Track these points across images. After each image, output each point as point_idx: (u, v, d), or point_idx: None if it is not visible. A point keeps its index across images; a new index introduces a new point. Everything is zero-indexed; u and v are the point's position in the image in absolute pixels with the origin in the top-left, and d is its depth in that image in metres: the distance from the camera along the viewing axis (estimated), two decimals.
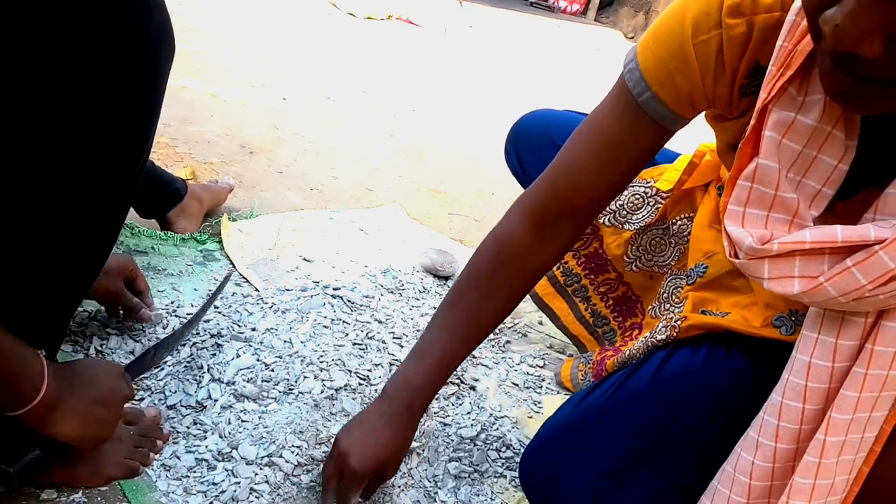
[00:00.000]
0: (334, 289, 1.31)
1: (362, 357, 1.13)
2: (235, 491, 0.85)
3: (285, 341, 1.11)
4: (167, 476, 0.85)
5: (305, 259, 1.41)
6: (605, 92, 0.81)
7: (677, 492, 0.81)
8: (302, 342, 1.12)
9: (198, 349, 1.06)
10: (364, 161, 2.11)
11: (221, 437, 0.92)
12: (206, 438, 0.91)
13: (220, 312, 1.16)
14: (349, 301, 1.28)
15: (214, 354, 1.05)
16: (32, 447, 0.76)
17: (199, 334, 1.09)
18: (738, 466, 0.69)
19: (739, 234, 0.62)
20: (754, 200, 0.62)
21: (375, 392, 1.06)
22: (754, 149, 0.62)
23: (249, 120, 2.17)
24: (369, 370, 1.10)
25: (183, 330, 1.06)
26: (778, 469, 0.66)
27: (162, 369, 1.01)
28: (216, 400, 0.97)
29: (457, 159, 2.37)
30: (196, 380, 1.00)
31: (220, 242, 1.39)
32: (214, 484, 0.85)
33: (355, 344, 1.16)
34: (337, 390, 1.03)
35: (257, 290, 1.26)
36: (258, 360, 1.06)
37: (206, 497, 0.84)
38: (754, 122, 0.62)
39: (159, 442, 0.88)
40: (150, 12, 0.66)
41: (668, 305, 1.06)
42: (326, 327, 1.18)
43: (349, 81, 3.01)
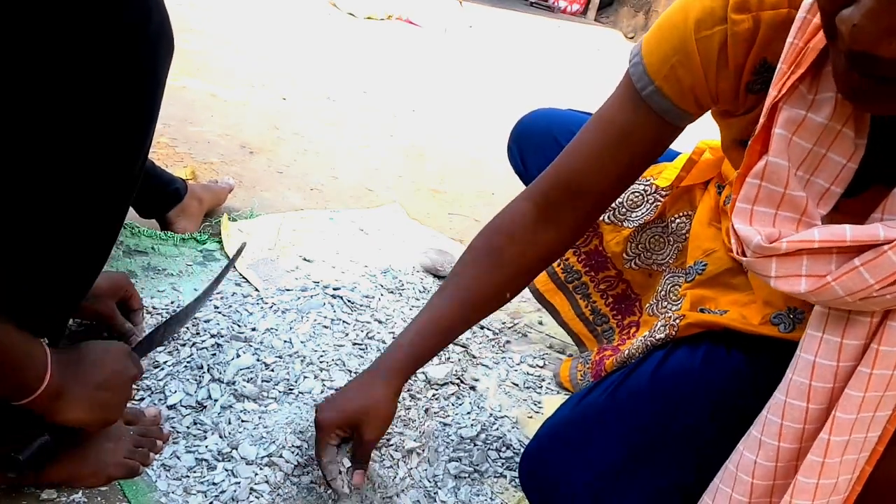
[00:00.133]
0: (334, 289, 1.31)
1: (362, 357, 1.13)
2: (235, 491, 0.84)
3: (285, 341, 1.11)
4: (167, 476, 0.85)
5: (305, 259, 1.41)
6: (606, 92, 0.81)
7: (677, 491, 0.81)
8: (302, 342, 1.12)
9: (198, 349, 1.06)
10: (364, 161, 2.11)
11: (221, 437, 0.91)
12: (206, 438, 0.91)
13: (220, 312, 1.16)
14: (349, 301, 1.28)
15: (214, 354, 1.05)
16: (41, 433, 0.76)
17: (199, 334, 1.09)
18: (741, 465, 0.69)
19: (747, 232, 0.62)
20: (763, 198, 0.62)
21: None
22: (764, 146, 0.62)
23: (249, 120, 2.17)
24: None
25: (194, 304, 1.06)
26: (780, 468, 0.66)
27: (162, 369, 1.01)
28: (216, 400, 0.97)
29: (457, 159, 2.37)
30: (196, 380, 1.00)
31: (220, 242, 1.39)
32: (214, 484, 0.85)
33: (355, 344, 1.16)
34: (337, 390, 1.03)
35: (257, 290, 1.26)
36: (258, 360, 1.06)
37: (206, 497, 0.84)
38: (764, 120, 0.62)
39: (159, 442, 0.88)
40: (150, 12, 0.66)
41: (666, 303, 1.06)
42: (326, 327, 1.18)
43: (349, 81, 3.00)
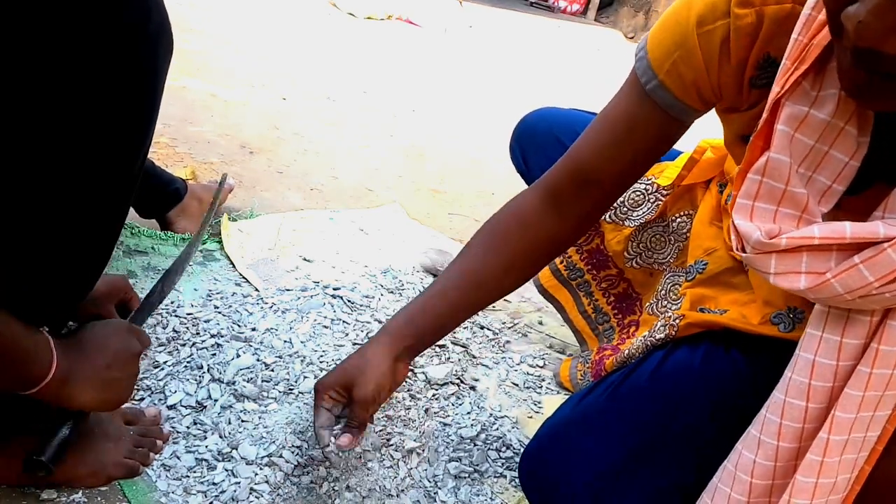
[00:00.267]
0: (334, 289, 1.31)
1: None
2: (235, 491, 0.84)
3: (285, 341, 1.11)
4: (167, 476, 0.85)
5: (305, 259, 1.41)
6: (606, 91, 0.82)
7: (677, 491, 0.81)
8: (302, 342, 1.12)
9: (198, 349, 1.06)
10: (364, 161, 2.11)
11: (221, 437, 0.91)
12: (206, 438, 0.91)
13: (220, 312, 1.16)
14: (349, 301, 1.28)
15: (214, 354, 1.05)
16: (60, 425, 0.76)
17: (199, 334, 1.09)
18: (740, 465, 0.69)
19: (747, 228, 0.62)
20: (764, 194, 0.62)
21: None
22: (766, 142, 0.62)
23: (249, 120, 2.17)
24: None
25: (184, 257, 1.06)
26: (779, 468, 0.66)
27: (162, 369, 1.01)
28: (216, 400, 0.97)
29: (457, 159, 2.37)
30: (196, 380, 1.00)
31: (220, 242, 1.39)
32: (214, 484, 0.85)
33: (355, 344, 1.16)
34: None
35: (257, 290, 1.26)
36: (258, 360, 1.06)
37: (206, 497, 0.84)
38: (766, 116, 0.62)
39: (159, 442, 0.88)
40: (149, 12, 0.66)
41: (666, 302, 1.06)
42: (326, 327, 1.18)
43: (349, 81, 3.01)
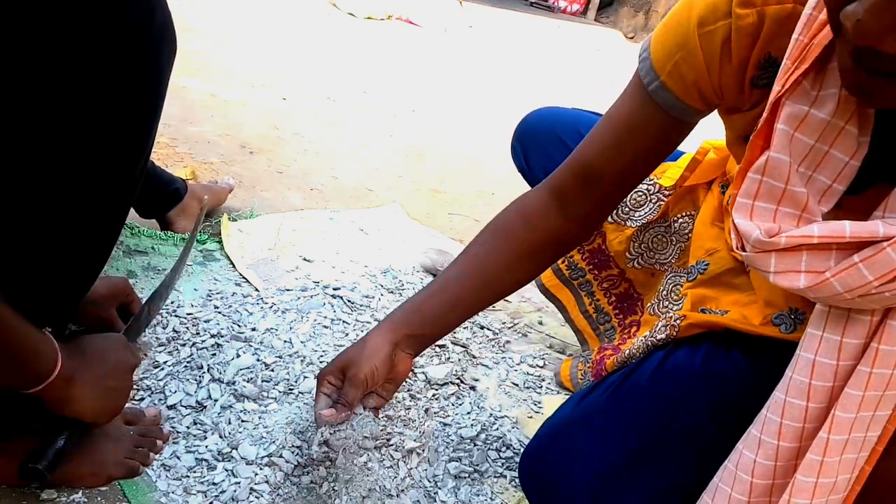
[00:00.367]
0: (334, 289, 1.31)
1: None
2: (235, 491, 0.84)
3: (285, 341, 1.11)
4: (167, 476, 0.85)
5: (305, 259, 1.41)
6: (606, 91, 0.83)
7: (677, 492, 0.81)
8: (302, 342, 1.12)
9: (198, 349, 1.06)
10: (364, 161, 2.11)
11: (221, 437, 0.91)
12: (206, 438, 0.91)
13: (220, 312, 1.16)
14: (349, 301, 1.28)
15: (214, 354, 1.05)
16: (55, 436, 0.76)
17: (199, 334, 1.09)
18: (740, 464, 0.69)
19: (747, 227, 0.62)
20: (764, 193, 0.62)
21: None
22: (766, 142, 0.62)
23: (249, 120, 2.17)
24: None
25: (171, 277, 1.06)
26: (780, 467, 0.66)
27: (162, 369, 1.01)
28: (216, 400, 0.97)
29: (457, 159, 2.37)
30: (196, 380, 1.00)
31: (220, 242, 1.39)
32: (214, 484, 0.85)
33: None
34: None
35: (257, 290, 1.26)
36: (258, 360, 1.06)
37: (206, 497, 0.84)
38: (766, 115, 0.62)
39: (159, 442, 0.88)
40: (152, 12, 0.66)
41: (667, 303, 1.06)
42: (326, 327, 1.18)
43: (349, 81, 3.01)
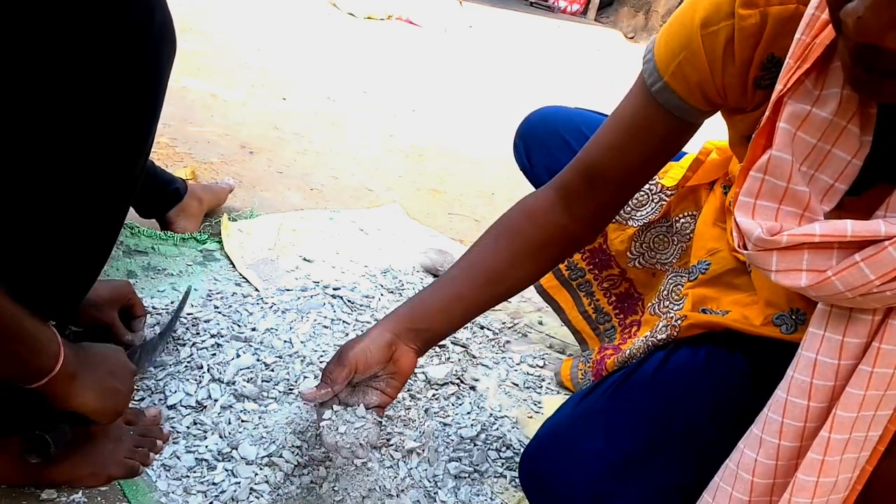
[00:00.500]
0: (334, 289, 1.30)
1: None
2: (235, 491, 0.84)
3: (285, 341, 1.11)
4: (167, 476, 0.85)
5: (305, 259, 1.41)
6: (606, 92, 0.83)
7: (677, 491, 0.81)
8: (302, 342, 1.12)
9: (198, 349, 1.06)
10: (364, 161, 2.11)
11: (221, 437, 0.91)
12: (206, 438, 0.91)
13: (220, 312, 1.16)
14: (349, 301, 1.28)
15: (214, 354, 1.05)
16: (58, 423, 0.76)
17: (199, 334, 1.09)
18: (741, 463, 0.69)
19: (749, 225, 0.62)
20: (766, 192, 0.62)
21: None
22: (768, 140, 0.62)
23: (249, 120, 2.17)
24: None
25: (169, 325, 1.06)
26: (781, 466, 0.66)
27: (163, 369, 1.00)
28: (216, 400, 0.97)
29: (457, 159, 2.37)
30: (196, 380, 1.00)
31: (220, 242, 1.39)
32: (214, 484, 0.85)
33: None
34: None
35: (257, 290, 1.26)
36: (258, 360, 1.06)
37: (206, 497, 0.84)
38: (769, 114, 0.62)
39: (159, 442, 0.88)
40: (152, 12, 0.66)
41: (668, 303, 1.06)
42: (326, 327, 1.18)
43: (349, 81, 3.01)
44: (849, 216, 0.60)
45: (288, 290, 1.28)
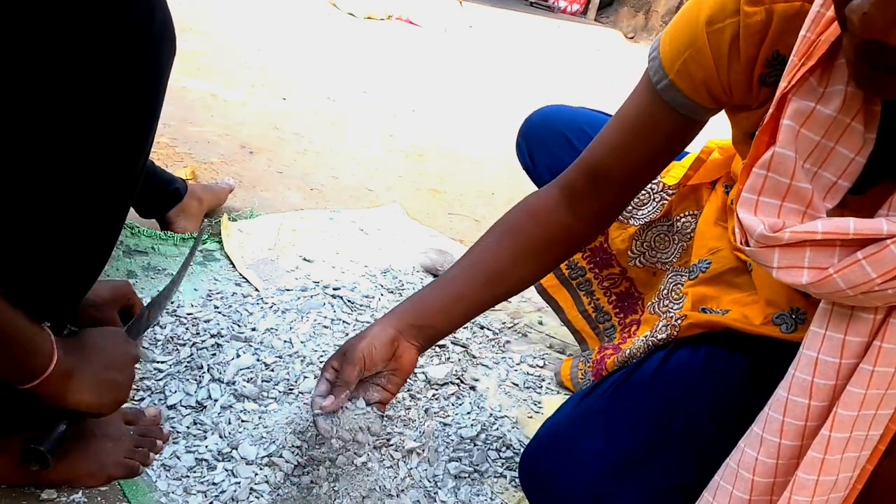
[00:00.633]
0: (334, 289, 1.30)
1: None
2: (235, 491, 0.84)
3: (285, 341, 1.11)
4: (167, 476, 0.85)
5: (305, 259, 1.41)
6: (606, 92, 0.82)
7: (677, 491, 0.81)
8: (302, 342, 1.12)
9: (198, 349, 1.05)
10: (364, 161, 2.11)
11: (221, 437, 0.91)
12: (206, 438, 0.91)
13: (220, 312, 1.16)
14: (349, 301, 1.28)
15: (214, 354, 1.05)
16: (57, 423, 0.76)
17: (199, 334, 1.09)
18: (742, 462, 0.69)
19: (751, 222, 0.62)
20: (768, 189, 0.62)
21: None
22: (771, 137, 0.62)
23: (249, 120, 2.17)
24: None
25: (171, 286, 1.06)
26: (781, 466, 0.66)
27: (162, 370, 1.00)
28: (216, 400, 0.97)
29: (457, 159, 2.37)
30: (196, 380, 1.00)
31: (220, 242, 1.39)
32: (214, 484, 0.85)
33: None
34: None
35: (257, 290, 1.26)
36: (258, 360, 1.05)
37: (206, 497, 0.84)
38: (773, 111, 0.62)
39: (159, 442, 0.88)
40: (152, 12, 0.66)
41: (668, 302, 1.06)
42: (326, 327, 1.18)
43: (349, 81, 3.01)
44: (851, 214, 0.60)
45: (288, 290, 1.28)
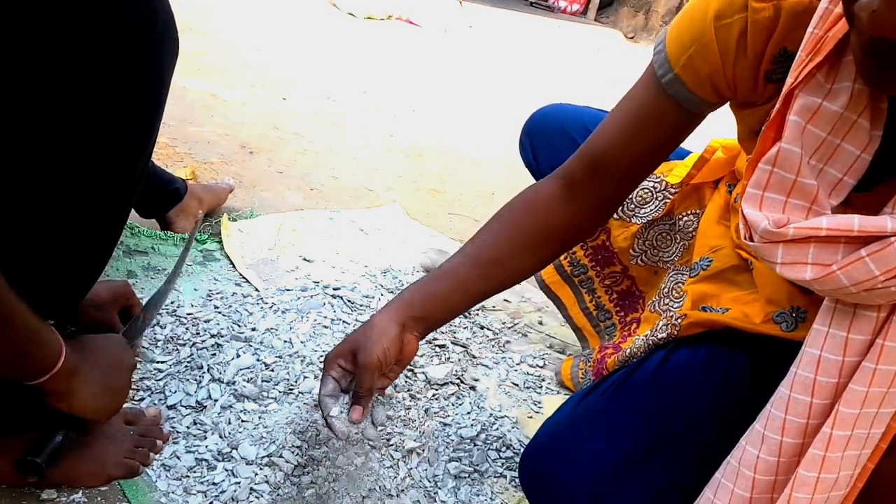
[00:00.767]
0: (334, 289, 1.30)
1: None
2: (235, 491, 0.84)
3: (285, 341, 1.11)
4: (167, 476, 0.85)
5: (305, 259, 1.41)
6: (606, 92, 0.82)
7: (677, 491, 0.81)
8: (302, 342, 1.12)
9: (198, 349, 1.05)
10: (364, 161, 2.11)
11: (221, 437, 0.91)
12: (206, 438, 0.91)
13: (220, 312, 1.16)
14: (349, 301, 1.28)
15: (214, 354, 1.05)
16: (54, 433, 0.76)
17: (199, 334, 1.09)
18: (743, 460, 0.69)
19: (756, 217, 0.62)
20: (774, 184, 0.62)
21: None
22: (777, 133, 0.62)
23: (249, 120, 2.17)
24: None
25: (167, 285, 1.06)
26: (783, 463, 0.66)
27: (162, 370, 1.00)
28: (216, 400, 0.97)
29: (457, 159, 2.37)
30: (196, 380, 1.00)
31: (220, 242, 1.39)
32: (214, 484, 0.85)
33: None
34: None
35: (257, 290, 1.26)
36: (258, 360, 1.05)
37: (206, 497, 0.84)
38: (779, 107, 0.62)
39: (159, 442, 0.88)
40: (154, 13, 0.66)
41: (668, 300, 1.06)
42: (326, 327, 1.18)
43: (349, 81, 3.01)
44: (856, 212, 0.60)
45: (288, 290, 1.28)
